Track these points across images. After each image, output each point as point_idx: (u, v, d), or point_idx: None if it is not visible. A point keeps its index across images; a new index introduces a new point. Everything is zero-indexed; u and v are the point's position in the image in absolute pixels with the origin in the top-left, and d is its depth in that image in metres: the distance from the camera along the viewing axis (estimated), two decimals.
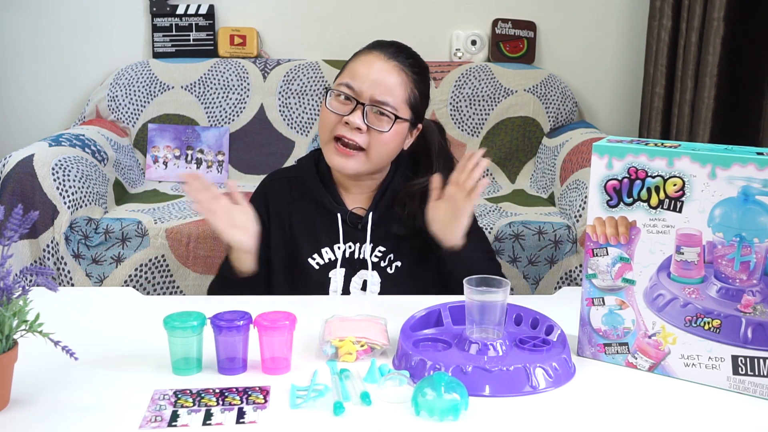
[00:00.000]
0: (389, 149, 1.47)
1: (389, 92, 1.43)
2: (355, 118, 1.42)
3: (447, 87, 3.04)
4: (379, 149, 1.45)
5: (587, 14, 3.22)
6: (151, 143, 2.96)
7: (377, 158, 1.46)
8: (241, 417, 0.97)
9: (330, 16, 3.16)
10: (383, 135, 1.43)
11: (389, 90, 1.43)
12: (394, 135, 1.45)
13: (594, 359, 1.15)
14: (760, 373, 1.03)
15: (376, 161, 1.46)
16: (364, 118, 1.42)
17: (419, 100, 1.50)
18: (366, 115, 1.42)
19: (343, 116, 1.43)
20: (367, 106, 1.42)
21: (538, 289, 2.37)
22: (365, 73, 1.44)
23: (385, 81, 1.43)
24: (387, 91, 1.43)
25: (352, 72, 1.46)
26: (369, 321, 1.20)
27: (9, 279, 0.96)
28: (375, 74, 1.43)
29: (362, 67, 1.45)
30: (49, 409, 0.98)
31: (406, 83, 1.46)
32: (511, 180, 3.02)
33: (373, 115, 1.43)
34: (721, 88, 2.73)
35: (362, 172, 1.47)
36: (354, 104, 1.43)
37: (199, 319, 1.09)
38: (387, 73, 1.44)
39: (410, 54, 1.51)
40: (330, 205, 1.52)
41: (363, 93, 1.43)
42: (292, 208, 1.54)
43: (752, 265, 1.01)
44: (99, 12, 3.11)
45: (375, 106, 1.42)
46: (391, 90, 1.44)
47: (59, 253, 2.28)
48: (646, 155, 1.06)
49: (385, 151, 1.46)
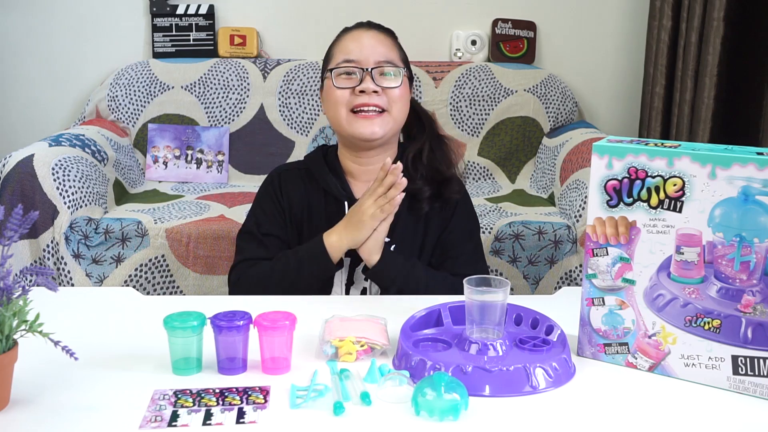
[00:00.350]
0: (404, 103, 1.54)
1: (387, 52, 1.53)
2: (368, 84, 1.48)
3: (447, 87, 3.04)
4: (398, 105, 1.52)
5: (587, 14, 3.22)
6: (151, 143, 2.96)
7: (399, 114, 1.53)
8: (241, 417, 0.97)
9: (330, 16, 3.15)
10: (396, 90, 1.51)
11: (386, 51, 1.53)
12: (405, 89, 1.54)
13: (594, 359, 1.15)
14: (760, 373, 1.03)
15: (399, 117, 1.53)
16: (375, 82, 1.49)
17: (406, 60, 1.59)
18: (375, 78, 1.49)
19: (355, 87, 1.49)
20: (374, 69, 1.50)
21: (538, 289, 2.37)
22: (357, 44, 1.52)
23: (379, 43, 1.53)
24: (385, 52, 1.52)
25: (343, 49, 1.53)
26: (369, 321, 1.20)
27: (9, 279, 0.96)
28: (367, 41, 1.52)
29: (351, 41, 1.53)
30: (49, 410, 0.98)
31: (393, 44, 1.57)
32: (511, 180, 3.02)
33: (382, 77, 1.50)
34: (721, 88, 2.73)
35: (389, 132, 1.52)
36: (360, 73, 1.49)
37: (199, 319, 1.08)
38: (376, 39, 1.53)
39: (383, 27, 1.60)
40: (337, 192, 1.54)
41: (364, 60, 1.50)
42: (303, 198, 1.57)
43: (752, 265, 1.01)
44: (99, 12, 3.11)
45: (380, 67, 1.50)
46: (387, 50, 1.53)
47: (59, 253, 2.28)
48: (646, 155, 1.06)
49: (402, 106, 1.53)
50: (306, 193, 1.57)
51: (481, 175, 3.02)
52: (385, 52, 1.52)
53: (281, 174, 1.61)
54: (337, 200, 1.55)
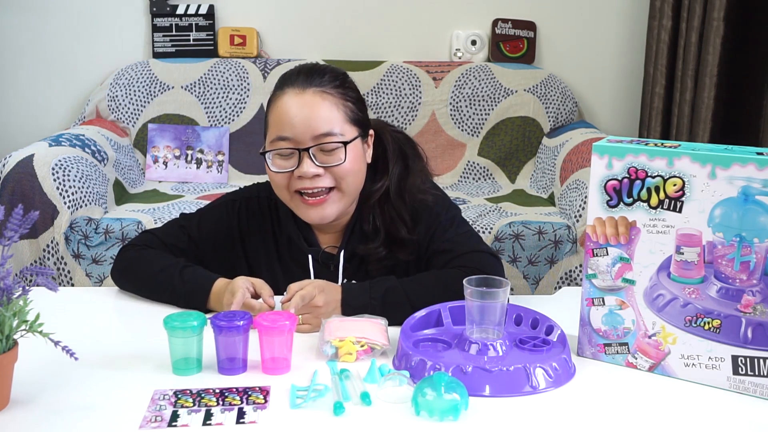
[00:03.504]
0: (357, 174, 1.34)
1: (325, 122, 1.29)
2: (306, 168, 1.28)
3: (447, 87, 3.04)
4: (348, 180, 1.32)
5: (587, 14, 3.22)
6: (151, 143, 2.96)
7: (351, 188, 1.34)
8: (241, 417, 0.97)
9: (330, 16, 3.16)
10: (343, 166, 1.30)
11: (324, 120, 1.29)
12: (354, 159, 1.32)
13: (594, 359, 1.15)
14: (760, 373, 1.03)
15: (352, 191, 1.35)
16: (315, 162, 1.29)
17: (357, 108, 1.35)
18: (315, 157, 1.29)
19: (293, 171, 1.30)
20: (312, 148, 1.28)
21: (538, 289, 2.37)
22: (290, 117, 1.29)
23: (314, 114, 1.28)
24: (322, 123, 1.29)
25: (277, 123, 1.31)
26: (369, 321, 1.20)
27: (9, 279, 0.96)
28: (300, 113, 1.28)
29: (284, 113, 1.30)
30: (49, 409, 0.98)
31: (335, 102, 1.31)
32: (511, 180, 3.02)
33: (322, 154, 1.29)
34: (721, 88, 2.73)
35: (344, 208, 1.35)
36: (297, 154, 1.29)
37: (199, 319, 1.09)
38: (311, 106, 1.29)
39: (321, 70, 1.34)
40: (301, 245, 1.40)
41: (299, 137, 1.28)
42: (268, 239, 1.42)
43: (752, 265, 1.01)
44: (99, 12, 3.11)
45: (319, 144, 1.29)
46: (325, 119, 1.29)
47: (59, 253, 2.28)
48: (646, 155, 1.06)
49: (354, 179, 1.33)
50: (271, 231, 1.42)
51: (481, 175, 3.02)
52: (324, 122, 1.28)
53: (249, 204, 1.44)
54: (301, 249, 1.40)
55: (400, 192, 1.39)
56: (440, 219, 1.40)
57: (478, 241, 1.40)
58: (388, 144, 1.42)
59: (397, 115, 3.03)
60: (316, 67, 1.35)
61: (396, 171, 1.40)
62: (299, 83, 1.31)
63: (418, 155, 1.46)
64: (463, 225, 1.43)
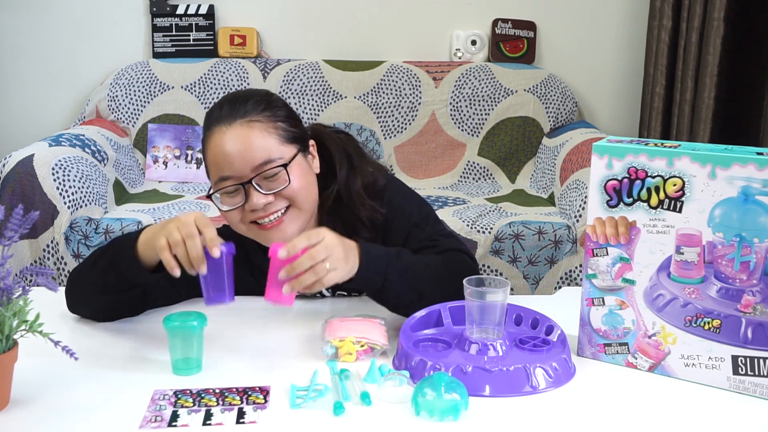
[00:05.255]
0: (308, 188, 1.32)
1: (260, 151, 1.26)
2: (256, 200, 1.26)
3: (447, 87, 3.04)
4: (300, 197, 1.30)
5: (587, 14, 3.22)
6: (151, 143, 2.96)
7: (306, 204, 1.32)
8: (241, 417, 0.97)
9: (330, 16, 3.16)
10: (290, 187, 1.28)
11: (258, 149, 1.26)
12: (300, 176, 1.29)
13: (594, 359, 1.15)
14: (760, 373, 1.03)
15: (308, 206, 1.32)
16: (261, 191, 1.26)
17: (289, 125, 1.32)
18: (260, 186, 1.26)
19: (243, 206, 1.27)
20: (255, 179, 1.26)
21: (538, 289, 2.37)
22: (225, 155, 1.26)
23: (247, 145, 1.26)
24: (258, 152, 1.26)
25: (214, 164, 1.29)
26: (369, 321, 1.20)
27: (9, 279, 0.96)
28: (233, 149, 1.26)
29: (218, 153, 1.27)
30: (49, 409, 0.99)
31: (265, 127, 1.28)
32: (511, 180, 3.02)
33: (267, 182, 1.27)
34: (721, 88, 2.73)
35: (305, 222, 1.33)
36: (242, 188, 1.27)
37: (199, 319, 1.09)
38: (242, 138, 1.27)
39: (242, 97, 1.33)
40: None
41: (239, 172, 1.26)
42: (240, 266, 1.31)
43: (752, 265, 1.01)
44: (99, 12, 3.11)
45: (260, 173, 1.26)
46: (260, 147, 1.27)
47: (59, 253, 2.28)
48: (646, 155, 1.06)
49: (306, 195, 1.31)
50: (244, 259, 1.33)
51: (481, 175, 3.02)
52: (259, 151, 1.26)
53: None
54: None
55: (350, 194, 1.37)
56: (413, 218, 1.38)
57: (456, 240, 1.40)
58: (331, 147, 1.40)
59: (397, 115, 3.03)
60: (237, 96, 1.34)
61: (343, 173, 1.38)
62: (224, 118, 1.29)
63: (360, 153, 1.43)
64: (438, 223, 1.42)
